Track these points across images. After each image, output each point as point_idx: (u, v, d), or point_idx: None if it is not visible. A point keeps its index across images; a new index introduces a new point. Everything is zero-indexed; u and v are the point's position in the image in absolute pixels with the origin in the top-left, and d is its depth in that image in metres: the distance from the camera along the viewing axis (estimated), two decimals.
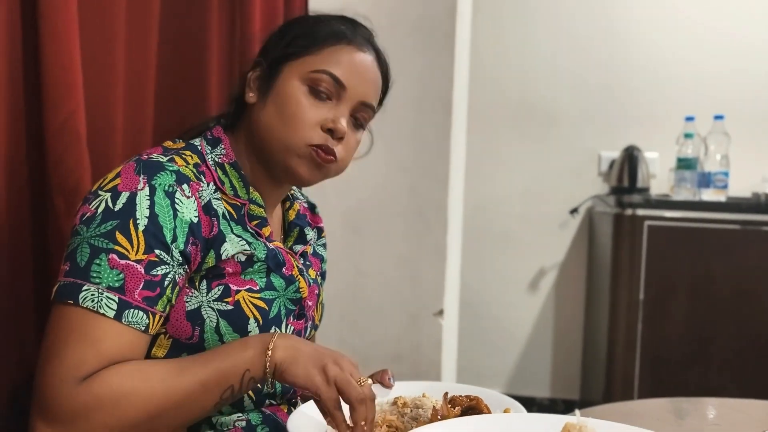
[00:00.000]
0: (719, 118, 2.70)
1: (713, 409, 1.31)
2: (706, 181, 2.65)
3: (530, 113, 3.12)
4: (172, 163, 0.91)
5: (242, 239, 0.95)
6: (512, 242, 3.16)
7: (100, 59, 1.13)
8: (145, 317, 0.84)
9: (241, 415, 0.98)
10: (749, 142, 2.91)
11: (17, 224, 1.00)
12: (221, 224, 0.93)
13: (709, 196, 2.63)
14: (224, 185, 0.97)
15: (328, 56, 0.97)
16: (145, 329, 0.85)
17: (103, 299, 0.82)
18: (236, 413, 0.98)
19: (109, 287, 0.82)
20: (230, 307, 0.93)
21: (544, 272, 3.17)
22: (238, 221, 0.96)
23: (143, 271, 0.84)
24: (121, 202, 0.86)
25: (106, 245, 0.84)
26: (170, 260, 0.86)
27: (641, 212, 2.52)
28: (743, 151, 2.82)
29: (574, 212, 3.06)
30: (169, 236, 0.86)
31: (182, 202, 0.89)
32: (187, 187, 0.90)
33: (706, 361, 2.52)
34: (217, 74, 1.45)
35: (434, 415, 0.92)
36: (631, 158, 2.92)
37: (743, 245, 2.49)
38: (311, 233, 1.15)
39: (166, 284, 0.86)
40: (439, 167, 1.94)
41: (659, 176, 3.00)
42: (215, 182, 0.96)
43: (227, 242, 0.93)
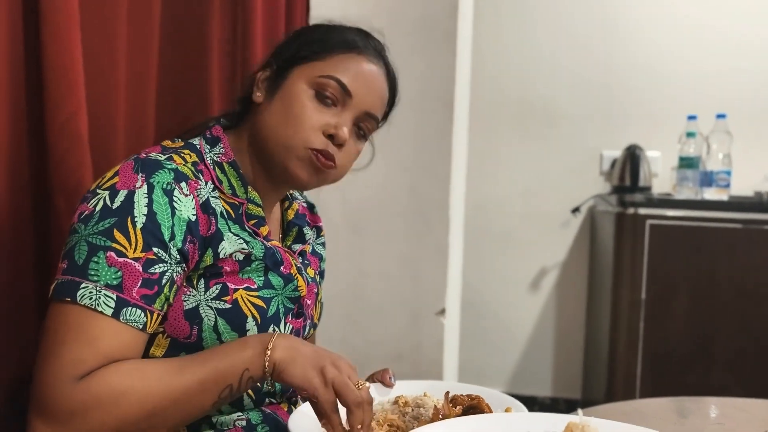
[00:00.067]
0: (721, 116, 2.69)
1: (716, 408, 1.31)
2: (708, 180, 2.64)
3: (532, 112, 3.12)
4: (170, 161, 0.91)
5: (240, 238, 0.95)
6: (514, 241, 3.16)
7: (101, 59, 1.13)
8: (142, 315, 0.84)
9: (241, 414, 0.98)
10: (752, 140, 2.90)
11: (18, 224, 1.00)
12: (219, 223, 0.93)
13: (711, 195, 2.62)
14: (222, 184, 0.97)
15: (337, 63, 0.98)
16: (142, 327, 0.85)
17: (101, 297, 0.82)
18: (236, 412, 0.98)
19: (107, 285, 0.82)
20: (228, 305, 0.93)
21: (545, 271, 3.17)
22: (235, 220, 0.97)
23: (141, 269, 0.84)
24: (119, 200, 0.86)
25: (104, 243, 0.84)
26: (168, 258, 0.86)
27: (643, 211, 2.52)
28: (746, 149, 2.81)
29: (575, 211, 3.05)
30: (167, 234, 0.86)
31: (180, 200, 0.89)
32: (185, 185, 0.90)
33: (708, 360, 2.51)
34: (218, 74, 1.45)
35: (435, 414, 0.92)
36: (632, 157, 2.91)
37: (745, 244, 2.48)
38: (310, 232, 1.16)
39: (164, 282, 0.86)
40: (440, 167, 1.94)
41: (661, 175, 2.99)
42: (213, 181, 0.96)
43: (225, 241, 0.93)
